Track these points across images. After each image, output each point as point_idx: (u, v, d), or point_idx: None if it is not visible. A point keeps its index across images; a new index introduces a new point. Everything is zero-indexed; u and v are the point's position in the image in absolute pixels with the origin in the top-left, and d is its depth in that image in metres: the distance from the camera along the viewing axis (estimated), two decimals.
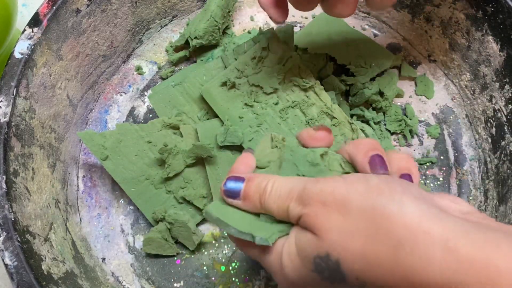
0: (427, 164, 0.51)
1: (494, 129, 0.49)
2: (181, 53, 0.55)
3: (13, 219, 0.38)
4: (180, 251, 0.48)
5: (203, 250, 0.48)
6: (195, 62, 0.55)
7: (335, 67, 0.52)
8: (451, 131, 0.53)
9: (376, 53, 0.52)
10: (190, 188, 0.48)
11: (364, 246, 0.24)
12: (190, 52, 0.55)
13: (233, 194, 0.31)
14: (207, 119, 0.49)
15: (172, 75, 0.55)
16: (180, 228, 0.46)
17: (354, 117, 0.52)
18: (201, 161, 0.48)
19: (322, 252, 0.26)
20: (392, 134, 0.52)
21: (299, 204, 0.28)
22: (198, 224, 0.49)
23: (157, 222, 0.48)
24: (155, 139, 0.48)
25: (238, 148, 0.47)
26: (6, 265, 0.37)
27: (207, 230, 0.49)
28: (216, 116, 0.48)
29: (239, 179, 0.31)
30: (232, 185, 0.31)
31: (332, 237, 0.25)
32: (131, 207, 0.50)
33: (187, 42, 0.55)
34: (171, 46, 0.56)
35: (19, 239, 0.38)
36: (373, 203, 0.25)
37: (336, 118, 0.46)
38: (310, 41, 0.52)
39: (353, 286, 0.26)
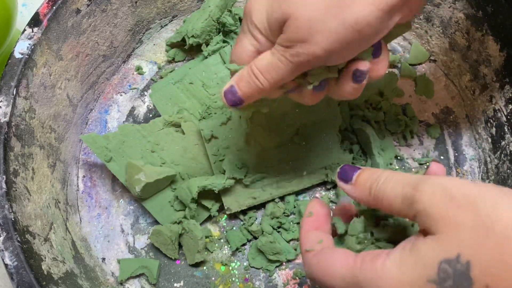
0: (427, 164, 0.51)
1: (494, 129, 0.49)
2: (179, 49, 0.56)
3: (13, 219, 0.38)
4: (179, 257, 0.48)
5: (203, 250, 0.48)
6: (193, 58, 0.55)
7: None
8: (451, 131, 0.53)
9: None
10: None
11: (501, 249, 0.22)
12: (187, 50, 0.55)
13: (346, 177, 0.30)
14: (208, 114, 0.49)
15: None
16: (190, 240, 0.46)
17: (354, 117, 0.52)
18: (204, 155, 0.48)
19: (452, 253, 0.23)
20: (392, 134, 0.52)
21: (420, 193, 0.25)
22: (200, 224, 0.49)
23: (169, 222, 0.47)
24: (158, 138, 0.48)
25: None
26: (6, 265, 0.37)
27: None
28: None
29: (355, 168, 0.31)
30: (347, 168, 0.31)
31: (463, 234, 0.23)
32: (131, 207, 0.50)
33: (183, 40, 0.55)
34: (167, 44, 0.56)
35: (19, 239, 0.38)
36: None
37: None
38: None
39: None
